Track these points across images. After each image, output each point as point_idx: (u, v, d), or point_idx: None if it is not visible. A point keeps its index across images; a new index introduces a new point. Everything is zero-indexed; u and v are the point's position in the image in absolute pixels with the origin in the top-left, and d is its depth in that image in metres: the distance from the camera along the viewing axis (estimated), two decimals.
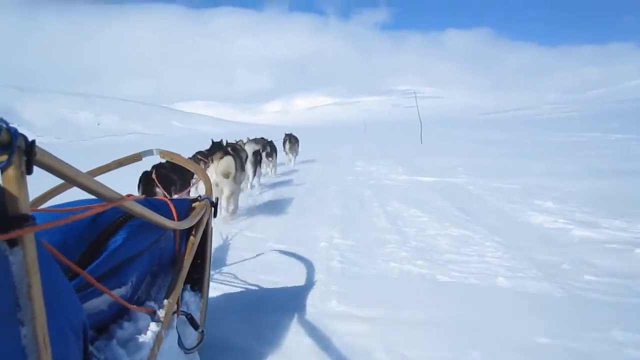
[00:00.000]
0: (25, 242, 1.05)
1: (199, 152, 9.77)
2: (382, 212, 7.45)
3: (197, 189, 7.93)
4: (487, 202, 7.81)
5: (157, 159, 3.88)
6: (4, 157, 1.01)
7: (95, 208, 1.70)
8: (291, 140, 17.65)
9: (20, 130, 1.02)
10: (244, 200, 9.29)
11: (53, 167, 1.20)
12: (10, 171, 1.03)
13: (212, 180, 6.90)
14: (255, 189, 11.39)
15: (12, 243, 1.03)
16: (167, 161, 4.24)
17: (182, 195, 6.89)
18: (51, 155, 1.18)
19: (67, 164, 1.27)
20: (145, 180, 6.53)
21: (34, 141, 1.09)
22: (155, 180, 6.43)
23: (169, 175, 6.62)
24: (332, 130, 64.16)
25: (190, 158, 9.18)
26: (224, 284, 4.63)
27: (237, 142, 11.72)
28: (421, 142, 22.97)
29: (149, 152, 3.53)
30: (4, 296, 1.03)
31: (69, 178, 1.30)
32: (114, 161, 3.30)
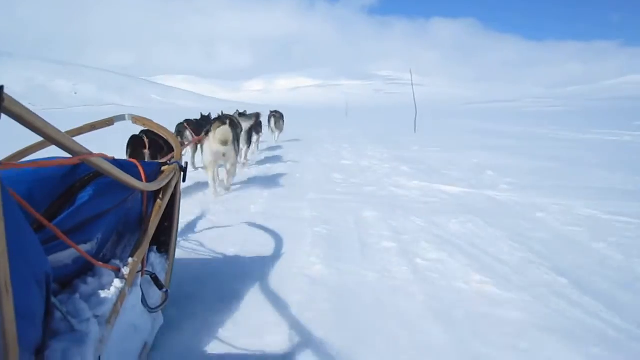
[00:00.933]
0: None
1: (187, 121, 10.17)
2: (416, 287, 3.77)
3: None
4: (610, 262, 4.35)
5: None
6: None
7: (62, 161, 1.68)
8: (276, 116, 18.08)
9: None
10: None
11: (22, 116, 1.19)
12: None
13: (212, 151, 7.35)
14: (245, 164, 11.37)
15: None
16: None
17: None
18: (21, 104, 1.16)
19: (36, 115, 1.25)
20: (134, 144, 6.48)
21: (2, 87, 1.06)
22: (146, 144, 6.38)
23: (157, 140, 6.52)
24: (313, 112, 63.43)
25: (178, 125, 10.00)
26: (191, 250, 4.66)
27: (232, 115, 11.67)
28: (415, 131, 21.76)
29: (122, 117, 3.53)
30: None
31: (38, 129, 1.30)
32: (86, 124, 3.29)
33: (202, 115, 11.11)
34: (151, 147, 6.42)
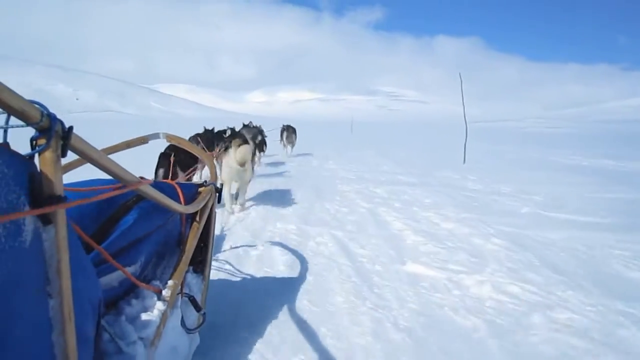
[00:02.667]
0: (58, 220, 1.15)
1: (198, 135, 10.21)
2: None
3: (201, 176, 8.72)
4: None
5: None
6: (43, 141, 1.11)
7: (117, 190, 1.75)
8: (289, 130, 18.36)
9: None
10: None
11: (83, 150, 1.29)
12: (48, 154, 1.12)
13: (230, 168, 7.51)
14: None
15: (46, 221, 1.13)
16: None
17: (186, 174, 7.09)
18: (83, 140, 1.27)
19: (94, 148, 1.36)
20: (164, 162, 6.81)
21: (71, 127, 1.18)
22: (173, 162, 6.69)
23: (185, 158, 6.91)
24: (316, 126, 60.66)
25: (190, 139, 9.47)
26: (220, 270, 4.79)
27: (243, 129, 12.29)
28: (464, 162, 16.53)
29: (156, 136, 3.58)
30: (35, 270, 1.12)
31: (96, 161, 1.39)
32: (122, 142, 3.34)
33: (205, 129, 10.99)
34: (180, 164, 6.82)
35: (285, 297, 4.23)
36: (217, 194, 3.16)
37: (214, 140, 10.77)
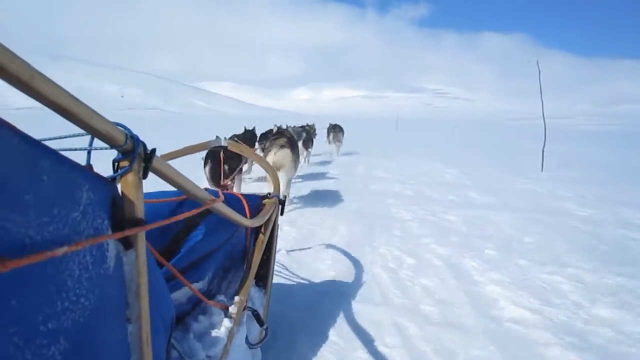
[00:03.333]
0: (138, 243, 1.15)
1: (235, 136, 9.84)
2: None
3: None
4: None
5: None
6: (126, 163, 1.10)
7: (193, 211, 1.67)
8: (335, 129, 17.81)
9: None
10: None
11: (162, 171, 1.28)
12: (130, 177, 1.11)
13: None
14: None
15: (128, 245, 1.13)
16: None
17: (233, 174, 7.01)
18: (163, 161, 1.27)
19: (173, 168, 1.36)
20: (213, 159, 6.86)
21: (154, 150, 1.17)
22: (222, 160, 6.69)
23: (233, 158, 6.90)
24: (360, 123, 57.60)
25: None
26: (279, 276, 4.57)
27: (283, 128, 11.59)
28: (542, 170, 13.52)
29: (218, 142, 3.61)
30: (116, 295, 1.10)
31: (174, 181, 1.39)
32: (184, 148, 3.31)
33: (245, 130, 10.90)
34: (226, 163, 6.77)
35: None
36: (281, 206, 3.10)
37: (253, 141, 10.78)
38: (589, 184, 10.77)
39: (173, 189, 1.56)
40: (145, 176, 1.16)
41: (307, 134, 14.21)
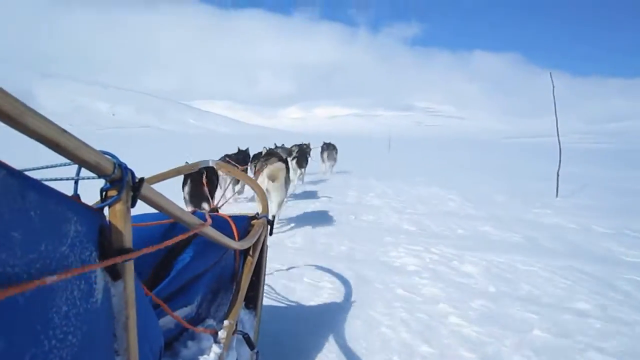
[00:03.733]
0: (126, 273, 1.12)
1: (227, 156, 10.13)
2: None
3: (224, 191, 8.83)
4: None
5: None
6: (114, 193, 1.08)
7: (182, 236, 1.65)
8: (330, 148, 17.74)
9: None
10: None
11: (151, 199, 1.26)
12: (118, 206, 1.09)
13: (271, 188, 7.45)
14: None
15: (116, 276, 1.10)
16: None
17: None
18: (152, 189, 1.25)
19: (161, 195, 1.33)
20: (192, 182, 6.69)
21: (142, 179, 1.15)
22: (204, 183, 6.51)
23: (212, 178, 6.87)
24: (352, 142, 56.02)
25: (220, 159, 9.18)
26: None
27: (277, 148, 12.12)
28: (556, 195, 11.84)
29: (206, 163, 3.60)
30: (103, 328, 1.07)
31: (161, 208, 1.35)
32: (172, 169, 3.33)
33: (239, 150, 10.93)
34: (208, 183, 6.59)
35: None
36: (270, 226, 3.08)
37: (247, 161, 10.71)
38: (621, 214, 9.23)
39: None
40: (133, 205, 1.14)
41: (301, 152, 14.06)
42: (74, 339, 0.92)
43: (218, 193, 7.79)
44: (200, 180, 6.57)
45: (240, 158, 10.42)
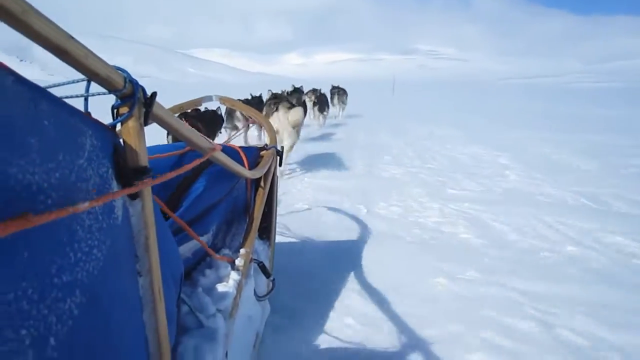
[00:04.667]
0: (144, 194, 1.10)
1: (243, 102, 9.06)
2: None
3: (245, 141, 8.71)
4: None
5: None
6: (125, 109, 1.05)
7: (196, 161, 1.60)
8: (339, 92, 17.77)
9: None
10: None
11: (163, 118, 1.23)
12: (131, 123, 1.05)
13: (282, 127, 7.55)
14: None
15: (133, 196, 1.09)
16: (193, 110, 3.99)
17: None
18: (164, 108, 1.23)
19: (175, 117, 1.32)
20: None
21: (154, 94, 1.13)
22: (196, 125, 6.23)
23: (197, 124, 6.39)
24: (354, 87, 55.57)
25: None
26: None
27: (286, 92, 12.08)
28: None
29: (209, 98, 3.59)
30: (125, 247, 1.07)
31: (175, 129, 1.35)
32: (175, 105, 3.36)
33: (252, 96, 10.94)
34: (205, 125, 6.56)
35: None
36: (279, 158, 3.05)
37: (261, 107, 9.92)
38: None
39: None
40: (146, 123, 1.10)
41: (321, 97, 14.67)
42: (99, 254, 0.93)
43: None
44: (192, 122, 6.14)
45: (256, 103, 10.37)
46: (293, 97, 11.37)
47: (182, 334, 1.63)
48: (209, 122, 7.60)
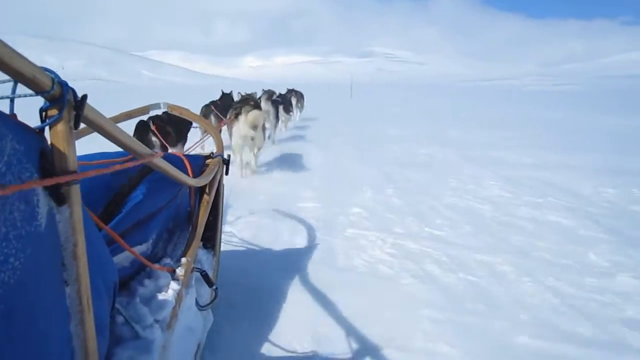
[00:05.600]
0: (72, 198, 1.05)
1: (212, 102, 10.06)
2: None
3: (202, 148, 7.23)
4: None
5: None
6: (54, 112, 1.00)
7: (129, 162, 1.58)
8: (296, 95, 17.46)
9: None
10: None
11: (96, 121, 1.19)
12: (60, 127, 1.02)
13: (241, 134, 7.51)
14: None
15: (60, 201, 1.04)
16: (163, 113, 4.10)
17: (177, 148, 6.77)
18: (96, 111, 1.17)
19: (109, 120, 1.28)
20: (142, 130, 6.22)
21: (85, 96, 1.07)
22: (155, 130, 6.15)
23: (165, 127, 6.38)
24: (311, 90, 54.01)
25: (204, 107, 10.10)
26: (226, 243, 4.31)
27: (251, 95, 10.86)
28: None
29: (157, 106, 3.52)
30: (52, 256, 1.03)
31: (108, 133, 1.29)
32: (122, 113, 3.24)
33: (223, 93, 10.65)
34: (159, 133, 6.21)
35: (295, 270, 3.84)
36: (225, 166, 2.99)
37: (229, 107, 9.75)
38: None
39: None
40: (77, 126, 1.05)
41: (285, 99, 14.57)
42: (17, 263, 0.88)
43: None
44: (148, 129, 6.12)
45: (226, 104, 9.98)
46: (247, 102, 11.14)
47: (117, 345, 1.55)
48: (178, 125, 7.22)
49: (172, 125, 6.75)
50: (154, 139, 6.23)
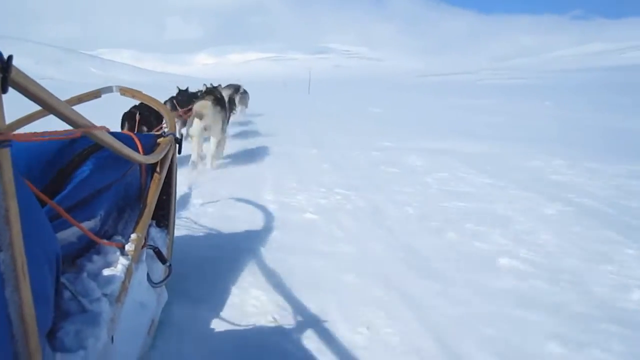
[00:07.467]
0: (1, 162, 1.02)
1: (173, 98, 10.00)
2: None
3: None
4: None
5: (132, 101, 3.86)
6: None
7: (69, 136, 1.62)
8: (241, 92, 17.19)
9: None
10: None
11: (27, 88, 1.12)
12: None
13: (199, 127, 7.48)
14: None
15: None
16: (142, 104, 4.17)
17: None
18: (26, 75, 1.10)
19: (41, 86, 1.21)
20: (131, 120, 6.45)
21: (10, 57, 1.01)
22: (139, 121, 6.36)
23: (149, 117, 6.55)
24: (265, 87, 52.88)
25: (166, 102, 9.60)
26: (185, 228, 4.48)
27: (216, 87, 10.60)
28: None
29: (109, 89, 3.49)
30: None
31: (42, 101, 1.23)
32: (73, 97, 3.19)
33: (180, 90, 10.46)
34: (145, 123, 6.36)
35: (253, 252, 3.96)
36: (178, 145, 2.96)
37: (191, 100, 9.61)
38: None
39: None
40: (4, 90, 0.98)
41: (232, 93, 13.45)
42: None
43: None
44: (135, 120, 6.34)
45: (186, 99, 9.90)
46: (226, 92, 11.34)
47: (64, 319, 1.53)
48: (159, 116, 7.13)
49: (154, 116, 6.78)
50: (144, 128, 6.32)
